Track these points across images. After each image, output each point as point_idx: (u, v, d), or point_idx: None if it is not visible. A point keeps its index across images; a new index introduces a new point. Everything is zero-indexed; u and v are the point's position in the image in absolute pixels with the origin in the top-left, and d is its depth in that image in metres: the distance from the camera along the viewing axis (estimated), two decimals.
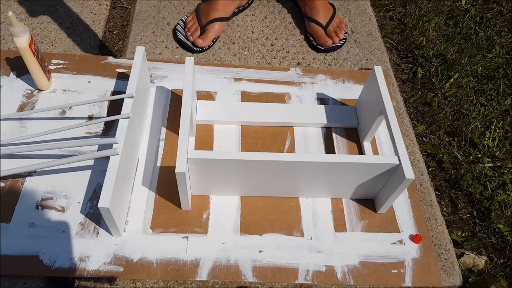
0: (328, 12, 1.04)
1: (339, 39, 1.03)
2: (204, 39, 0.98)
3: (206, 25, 0.99)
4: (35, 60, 0.80)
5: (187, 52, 1.00)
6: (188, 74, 0.74)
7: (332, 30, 1.03)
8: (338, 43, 1.03)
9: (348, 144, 0.86)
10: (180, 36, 0.99)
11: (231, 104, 0.89)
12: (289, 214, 0.76)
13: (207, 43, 0.99)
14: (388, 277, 0.70)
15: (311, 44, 1.05)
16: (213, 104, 0.88)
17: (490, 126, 1.05)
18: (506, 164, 0.98)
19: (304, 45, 1.05)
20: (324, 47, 1.02)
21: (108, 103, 0.87)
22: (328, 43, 1.02)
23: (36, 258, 0.67)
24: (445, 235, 0.77)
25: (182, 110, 0.69)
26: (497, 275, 0.81)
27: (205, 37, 0.98)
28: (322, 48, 1.02)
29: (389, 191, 0.71)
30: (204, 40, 0.98)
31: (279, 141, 0.85)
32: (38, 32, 0.99)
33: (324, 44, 1.02)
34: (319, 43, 1.03)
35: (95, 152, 0.69)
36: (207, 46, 0.99)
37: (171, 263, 0.68)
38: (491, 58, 1.23)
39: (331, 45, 1.02)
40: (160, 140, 0.83)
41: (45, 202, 0.73)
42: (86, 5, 1.07)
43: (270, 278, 0.68)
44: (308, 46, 1.05)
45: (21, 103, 0.85)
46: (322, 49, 1.02)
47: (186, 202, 0.71)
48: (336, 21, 1.05)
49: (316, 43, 1.03)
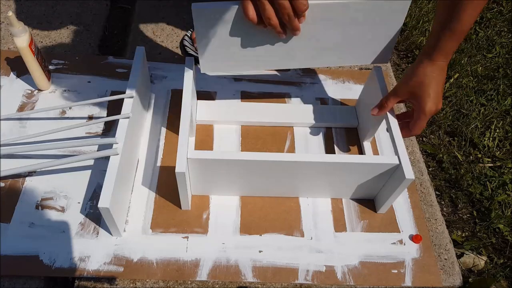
0: None
1: None
2: None
3: None
4: (35, 60, 0.80)
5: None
6: (188, 74, 0.74)
7: None
8: None
9: (348, 144, 0.86)
10: (191, 51, 0.97)
11: (231, 104, 0.88)
12: (289, 214, 0.75)
13: None
14: (388, 277, 0.70)
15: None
16: (213, 104, 0.88)
17: (490, 126, 1.05)
18: (506, 164, 0.98)
19: None
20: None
21: (108, 103, 0.87)
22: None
23: (36, 258, 0.67)
24: (445, 235, 0.77)
25: (182, 110, 0.69)
26: (497, 275, 0.81)
27: None
28: None
29: (389, 191, 0.71)
30: None
31: (279, 141, 0.85)
32: (38, 32, 0.99)
33: None
34: None
35: (95, 152, 0.69)
36: None
37: (171, 263, 0.68)
38: (491, 58, 1.23)
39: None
40: (160, 140, 0.83)
41: (45, 202, 0.73)
42: (86, 5, 1.07)
43: (270, 278, 0.68)
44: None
45: (21, 103, 0.85)
46: None
47: (186, 202, 0.71)
48: None
49: None
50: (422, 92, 0.64)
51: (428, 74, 0.63)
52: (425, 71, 0.64)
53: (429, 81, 0.64)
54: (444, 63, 0.63)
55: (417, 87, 0.65)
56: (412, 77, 0.65)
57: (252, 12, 0.59)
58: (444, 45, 0.61)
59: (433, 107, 0.65)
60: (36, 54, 0.80)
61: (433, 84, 0.64)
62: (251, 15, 0.59)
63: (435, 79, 0.64)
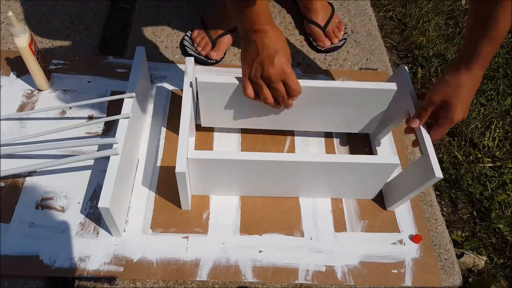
0: (327, 12, 1.04)
1: (338, 40, 1.03)
2: (217, 51, 0.96)
3: (217, 38, 0.96)
4: (35, 60, 0.80)
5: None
6: (189, 73, 0.74)
7: (331, 30, 1.02)
8: (338, 43, 1.03)
9: (348, 144, 0.86)
10: (191, 51, 0.96)
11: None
12: (289, 214, 0.75)
13: (221, 55, 0.97)
14: (388, 277, 0.70)
15: (311, 44, 1.04)
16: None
17: (490, 126, 1.05)
18: (506, 164, 0.98)
19: (304, 45, 1.05)
20: (323, 48, 1.02)
21: (108, 103, 0.87)
22: (327, 44, 1.01)
23: (36, 258, 0.67)
24: (445, 235, 0.77)
25: (182, 110, 0.69)
26: (497, 275, 0.81)
27: (218, 49, 0.96)
28: (322, 49, 1.02)
29: (408, 187, 0.70)
30: (217, 52, 0.95)
31: (279, 141, 0.85)
32: (38, 32, 0.99)
33: (323, 45, 1.02)
34: (318, 44, 1.02)
35: (95, 152, 0.69)
36: (221, 58, 0.97)
37: (171, 263, 0.68)
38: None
39: (331, 46, 1.02)
40: (160, 140, 0.83)
41: (45, 202, 0.73)
42: (86, 5, 1.07)
43: (270, 278, 0.68)
44: (308, 46, 1.05)
45: (21, 103, 0.85)
46: (322, 49, 1.02)
47: (186, 202, 0.71)
48: (335, 22, 1.04)
49: (315, 44, 1.03)
50: (455, 101, 0.63)
51: (465, 83, 0.63)
52: (462, 80, 0.63)
53: (464, 90, 0.63)
54: (481, 73, 0.63)
55: (452, 95, 0.64)
56: (448, 85, 0.64)
57: (250, 91, 0.67)
58: (483, 53, 0.60)
59: (460, 115, 0.64)
60: (36, 54, 0.80)
61: (468, 93, 0.63)
62: (249, 93, 0.67)
63: (469, 89, 0.63)
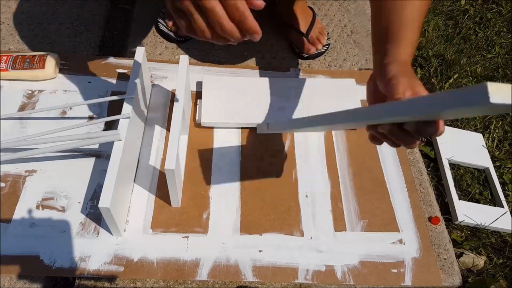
0: (308, 18, 1.00)
1: (322, 45, 1.01)
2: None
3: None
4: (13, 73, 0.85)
5: (187, 52, 1.00)
6: (182, 71, 0.73)
7: (314, 37, 0.99)
8: (322, 49, 1.01)
9: (347, 141, 0.86)
10: (163, 28, 0.97)
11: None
12: (289, 214, 0.76)
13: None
14: (388, 277, 0.70)
15: (294, 51, 1.03)
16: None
17: (490, 126, 1.05)
18: (506, 164, 0.98)
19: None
20: (307, 55, 1.01)
21: (108, 103, 0.87)
22: (312, 51, 0.99)
23: (36, 258, 0.67)
24: (445, 235, 0.77)
25: (174, 107, 0.70)
26: (497, 275, 0.81)
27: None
28: (306, 56, 1.01)
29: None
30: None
31: (279, 140, 0.85)
32: (38, 32, 0.99)
33: (307, 52, 1.00)
34: (303, 51, 1.00)
35: (98, 138, 0.69)
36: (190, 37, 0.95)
37: (171, 263, 0.68)
38: (490, 59, 1.23)
39: (315, 52, 1.00)
40: (160, 140, 0.83)
41: (45, 202, 0.73)
42: (86, 5, 1.07)
43: (270, 278, 0.69)
44: (292, 53, 1.03)
45: (21, 103, 0.85)
46: (306, 56, 1.01)
47: (176, 199, 0.72)
48: (318, 27, 1.01)
49: (298, 51, 1.01)
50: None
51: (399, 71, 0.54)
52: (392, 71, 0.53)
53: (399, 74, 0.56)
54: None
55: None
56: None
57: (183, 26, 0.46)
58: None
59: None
60: (10, 67, 0.84)
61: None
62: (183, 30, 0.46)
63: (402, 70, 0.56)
